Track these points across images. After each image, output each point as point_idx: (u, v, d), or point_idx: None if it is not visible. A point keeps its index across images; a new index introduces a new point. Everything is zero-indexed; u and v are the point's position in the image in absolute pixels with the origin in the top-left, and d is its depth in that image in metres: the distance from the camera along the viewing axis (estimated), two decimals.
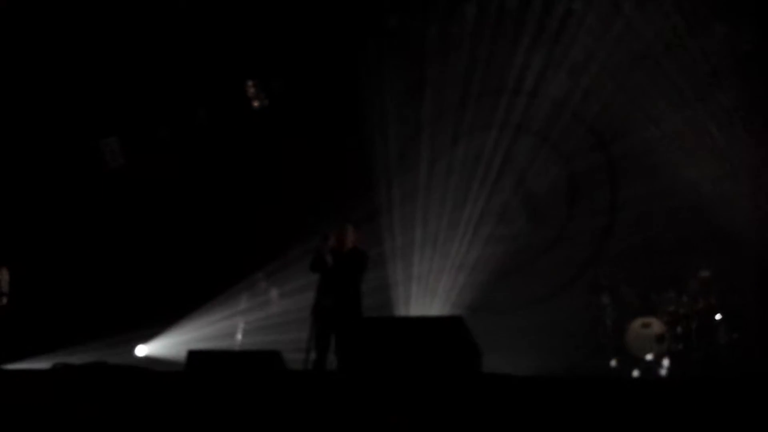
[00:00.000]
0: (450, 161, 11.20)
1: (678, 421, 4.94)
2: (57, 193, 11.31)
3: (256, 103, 11.39)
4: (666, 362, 9.04)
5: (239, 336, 9.71)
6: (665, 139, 10.03)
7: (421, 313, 10.41)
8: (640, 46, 10.18)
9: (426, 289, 10.79)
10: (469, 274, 10.77)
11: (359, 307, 7.56)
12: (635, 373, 9.07)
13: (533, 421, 5.13)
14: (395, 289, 10.77)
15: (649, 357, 9.15)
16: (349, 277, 7.55)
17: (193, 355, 6.52)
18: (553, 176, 10.82)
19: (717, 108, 9.76)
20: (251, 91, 11.34)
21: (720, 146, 9.77)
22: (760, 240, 9.51)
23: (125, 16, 10.62)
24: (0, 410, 6.01)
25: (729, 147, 9.76)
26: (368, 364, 5.98)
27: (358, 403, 5.35)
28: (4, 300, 9.08)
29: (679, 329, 9.21)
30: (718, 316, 9.18)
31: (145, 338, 10.87)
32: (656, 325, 9.24)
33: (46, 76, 10.82)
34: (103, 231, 11.36)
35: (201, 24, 10.83)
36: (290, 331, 9.34)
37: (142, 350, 10.87)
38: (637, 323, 9.31)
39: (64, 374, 6.63)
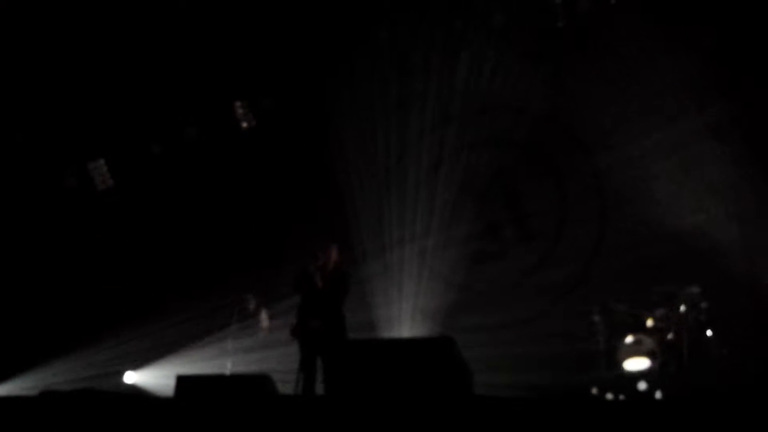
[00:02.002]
0: (438, 177, 11.21)
1: None
2: (46, 214, 11.27)
3: (244, 124, 11.40)
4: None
5: (228, 365, 9.65)
6: (653, 158, 10.06)
7: (409, 333, 10.36)
8: (629, 63, 10.23)
9: (414, 309, 10.74)
10: (457, 293, 10.74)
11: (344, 329, 7.53)
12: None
13: None
14: (380, 309, 10.72)
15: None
16: (333, 298, 7.52)
17: (182, 380, 6.44)
18: (543, 193, 10.82)
19: (704, 126, 9.81)
20: (239, 112, 11.35)
21: (706, 164, 9.81)
22: (748, 255, 9.53)
23: (116, 36, 10.62)
24: None
25: (715, 164, 9.80)
26: (357, 388, 5.93)
27: (349, 428, 5.30)
28: None
29: (670, 346, 9.19)
30: (708, 332, 9.18)
31: (133, 365, 10.80)
32: (647, 342, 9.21)
33: (36, 95, 10.79)
34: (91, 252, 11.31)
35: (189, 45, 10.84)
36: (280, 353, 9.29)
37: (130, 377, 10.78)
38: (628, 340, 9.29)
39: (51, 401, 6.56)
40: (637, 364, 9.12)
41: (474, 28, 10.90)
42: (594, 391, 9.18)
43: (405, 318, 10.66)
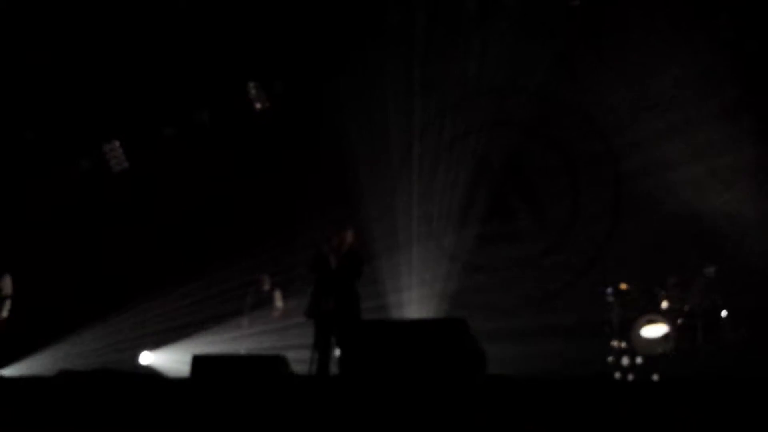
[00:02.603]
0: (452, 159, 11.19)
1: (684, 420, 4.93)
2: (59, 197, 11.35)
3: (258, 105, 11.40)
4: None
5: (243, 345, 9.72)
6: (669, 142, 9.98)
7: (421, 314, 10.39)
8: (643, 46, 10.13)
9: (427, 289, 10.76)
10: (471, 274, 10.74)
11: (358, 310, 7.58)
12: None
13: (540, 423, 5.13)
14: (392, 290, 10.74)
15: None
16: (347, 279, 7.57)
17: (198, 360, 6.50)
18: (557, 176, 10.77)
19: (718, 108, 9.71)
20: (253, 93, 11.36)
21: (721, 149, 9.73)
22: (763, 236, 9.47)
23: (128, 19, 10.61)
24: (6, 416, 6.04)
25: (730, 145, 9.71)
26: (371, 369, 5.97)
27: (363, 407, 5.35)
28: (8, 306, 9.12)
29: (684, 327, 9.18)
30: (723, 314, 9.15)
31: (149, 345, 10.90)
32: (662, 323, 9.20)
33: (50, 80, 10.83)
34: (106, 233, 11.40)
35: (202, 27, 10.82)
36: (294, 333, 9.35)
37: (146, 357, 10.87)
38: (643, 321, 9.28)
39: (69, 381, 6.65)
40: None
41: (488, 9, 10.81)
42: (610, 359, 9.18)
43: (417, 299, 10.68)
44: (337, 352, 7.35)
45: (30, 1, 10.28)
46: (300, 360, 7.41)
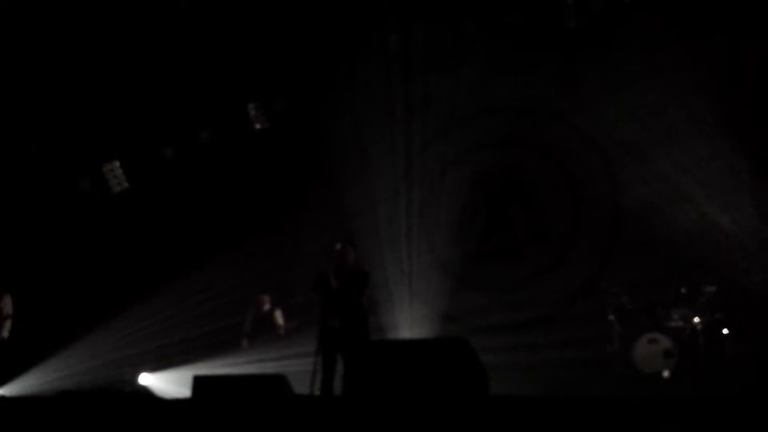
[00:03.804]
0: (451, 178, 11.22)
1: None
2: (58, 217, 11.35)
3: (257, 126, 11.45)
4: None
5: (243, 365, 9.67)
6: (670, 160, 10.03)
7: (421, 333, 10.35)
8: (640, 61, 10.20)
9: (425, 308, 10.73)
10: (471, 293, 10.72)
11: (366, 327, 7.56)
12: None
13: None
14: (390, 308, 10.71)
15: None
16: (352, 297, 7.55)
17: (198, 380, 6.47)
18: (558, 194, 10.79)
19: (717, 127, 9.77)
20: (252, 113, 11.41)
21: (723, 166, 9.77)
22: (764, 254, 9.48)
23: (128, 39, 10.68)
24: None
25: (732, 167, 9.76)
26: (374, 388, 5.94)
27: (365, 427, 5.32)
28: (8, 326, 9.10)
29: (686, 344, 9.17)
30: (725, 331, 9.15)
31: (148, 366, 10.85)
32: (663, 341, 9.19)
33: (47, 99, 10.87)
34: (104, 253, 11.40)
35: (202, 47, 10.88)
36: (296, 352, 9.32)
37: (145, 378, 10.80)
38: (644, 339, 9.27)
39: (69, 401, 6.62)
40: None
41: (485, 29, 10.88)
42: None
43: (414, 317, 10.65)
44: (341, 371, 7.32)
45: (34, 20, 10.33)
46: (301, 379, 7.38)
